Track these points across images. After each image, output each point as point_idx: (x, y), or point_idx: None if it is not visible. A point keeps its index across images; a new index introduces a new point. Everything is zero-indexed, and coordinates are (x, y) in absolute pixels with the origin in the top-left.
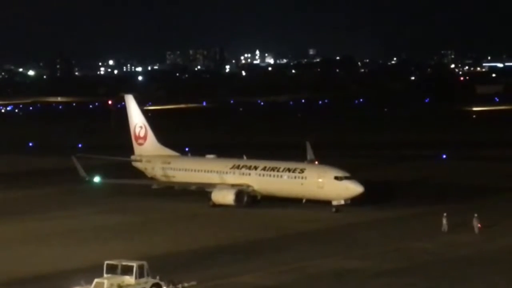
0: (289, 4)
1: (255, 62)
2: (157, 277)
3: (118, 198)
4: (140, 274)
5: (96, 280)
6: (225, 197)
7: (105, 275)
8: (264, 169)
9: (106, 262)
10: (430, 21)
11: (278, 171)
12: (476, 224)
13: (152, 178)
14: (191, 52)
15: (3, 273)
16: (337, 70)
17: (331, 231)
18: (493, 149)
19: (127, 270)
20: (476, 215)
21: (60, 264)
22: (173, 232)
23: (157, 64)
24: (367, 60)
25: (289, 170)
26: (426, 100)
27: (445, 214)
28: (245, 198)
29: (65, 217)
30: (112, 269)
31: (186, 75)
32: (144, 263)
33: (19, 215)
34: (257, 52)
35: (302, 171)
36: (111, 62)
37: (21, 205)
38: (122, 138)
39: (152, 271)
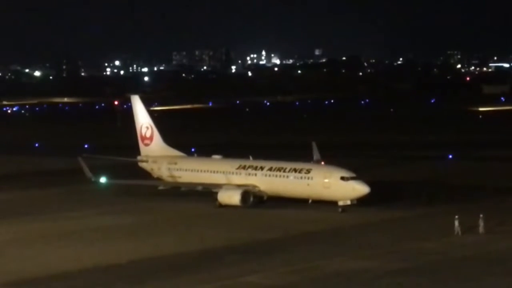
0: (295, 4)
1: (261, 62)
2: None
3: (124, 198)
4: None
5: None
6: (231, 197)
7: None
8: (270, 169)
9: None
10: (436, 21)
11: (284, 171)
12: (482, 225)
13: (158, 179)
14: (197, 52)
15: (4, 274)
16: (343, 71)
17: (338, 231)
18: (500, 149)
19: None
20: (481, 215)
21: (64, 265)
22: (179, 232)
23: (163, 65)
24: (373, 61)
25: (295, 170)
26: (432, 100)
27: (456, 217)
28: (251, 199)
29: (71, 218)
30: None
31: (192, 76)
32: None
33: (25, 215)
34: (263, 52)
35: (308, 171)
36: (117, 63)
37: (27, 206)
38: (128, 139)
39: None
